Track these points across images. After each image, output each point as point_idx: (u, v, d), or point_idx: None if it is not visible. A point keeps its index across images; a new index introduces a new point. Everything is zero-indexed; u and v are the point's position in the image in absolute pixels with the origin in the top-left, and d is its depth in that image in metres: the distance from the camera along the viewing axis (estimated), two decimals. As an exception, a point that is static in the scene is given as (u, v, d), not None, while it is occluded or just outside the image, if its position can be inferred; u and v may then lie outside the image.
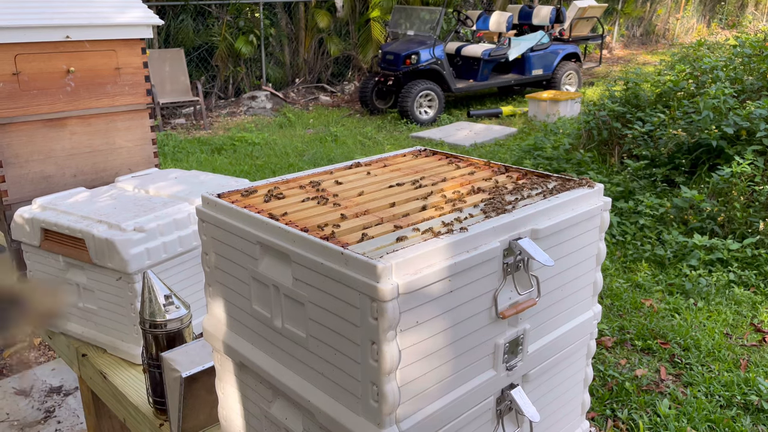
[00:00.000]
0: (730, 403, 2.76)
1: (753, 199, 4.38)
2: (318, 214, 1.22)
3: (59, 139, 2.67)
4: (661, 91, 6.06)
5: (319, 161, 7.03)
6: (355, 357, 1.04)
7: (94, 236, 2.00)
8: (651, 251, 4.19)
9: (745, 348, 3.20)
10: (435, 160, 1.64)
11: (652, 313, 3.51)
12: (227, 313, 1.35)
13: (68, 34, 2.56)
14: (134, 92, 2.84)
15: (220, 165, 6.91)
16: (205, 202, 1.32)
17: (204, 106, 9.29)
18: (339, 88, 11.52)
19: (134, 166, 2.90)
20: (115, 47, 2.73)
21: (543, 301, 1.27)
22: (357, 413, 1.07)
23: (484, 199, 1.29)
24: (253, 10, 10.71)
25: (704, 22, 18.09)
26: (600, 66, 12.44)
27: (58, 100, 2.64)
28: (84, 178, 2.80)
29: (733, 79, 5.83)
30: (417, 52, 9.01)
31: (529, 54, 9.95)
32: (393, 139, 8.23)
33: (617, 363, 3.09)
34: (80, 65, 2.65)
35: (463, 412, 1.17)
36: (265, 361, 1.25)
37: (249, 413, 1.38)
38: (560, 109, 8.56)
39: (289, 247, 1.12)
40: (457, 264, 1.07)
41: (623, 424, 2.67)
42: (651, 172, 5.13)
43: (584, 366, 1.51)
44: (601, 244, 1.41)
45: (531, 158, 6.14)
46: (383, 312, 0.97)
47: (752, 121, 4.78)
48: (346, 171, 1.54)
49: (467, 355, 1.16)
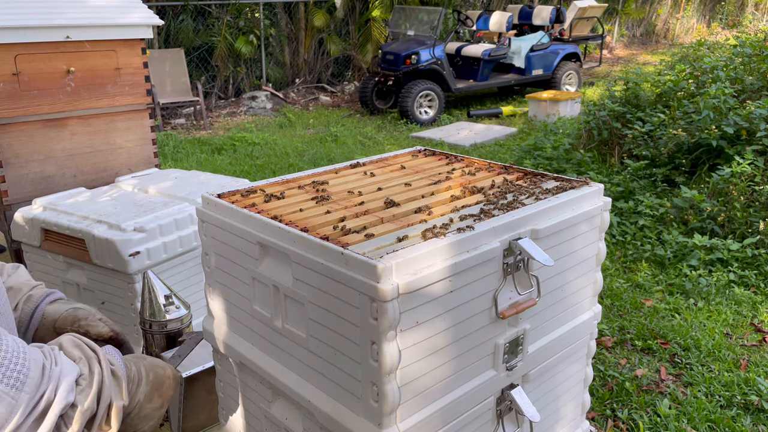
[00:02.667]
0: (731, 403, 2.76)
1: (753, 199, 4.38)
2: (318, 214, 1.22)
3: (59, 139, 2.67)
4: (661, 91, 6.06)
5: (319, 161, 7.03)
6: (356, 357, 1.04)
7: (95, 236, 2.00)
8: (651, 251, 4.19)
9: (746, 348, 3.20)
10: (435, 160, 1.64)
11: (652, 313, 3.51)
12: (227, 313, 1.35)
13: (68, 34, 2.57)
14: (134, 92, 2.84)
15: (220, 165, 6.91)
16: (206, 202, 1.32)
17: (204, 106, 9.29)
18: (339, 88, 11.51)
19: (134, 166, 2.90)
20: (115, 47, 2.73)
21: (543, 301, 1.27)
22: (357, 413, 1.07)
23: (484, 199, 1.29)
24: (253, 10, 10.71)
25: (704, 22, 18.09)
26: (600, 66, 12.43)
27: (58, 100, 2.64)
28: (84, 178, 2.80)
29: (734, 78, 5.82)
30: (417, 52, 9.00)
31: (529, 54, 9.95)
32: (393, 139, 8.23)
33: (617, 363, 3.09)
34: (80, 65, 2.65)
35: (463, 412, 1.17)
36: (265, 361, 1.25)
37: (249, 413, 1.38)
38: (560, 109, 8.55)
39: (289, 247, 1.12)
40: (457, 264, 1.07)
41: (623, 424, 2.67)
42: (651, 172, 5.12)
43: (584, 366, 1.51)
44: (601, 244, 1.41)
45: (531, 158, 6.14)
46: (383, 312, 0.97)
47: (752, 121, 4.77)
48: (347, 171, 1.54)
49: (467, 355, 1.16)
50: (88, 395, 0.93)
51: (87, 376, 0.95)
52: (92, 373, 0.96)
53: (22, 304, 1.24)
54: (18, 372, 0.84)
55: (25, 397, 0.84)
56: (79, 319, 1.26)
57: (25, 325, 1.23)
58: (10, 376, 0.83)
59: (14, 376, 0.83)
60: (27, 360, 0.86)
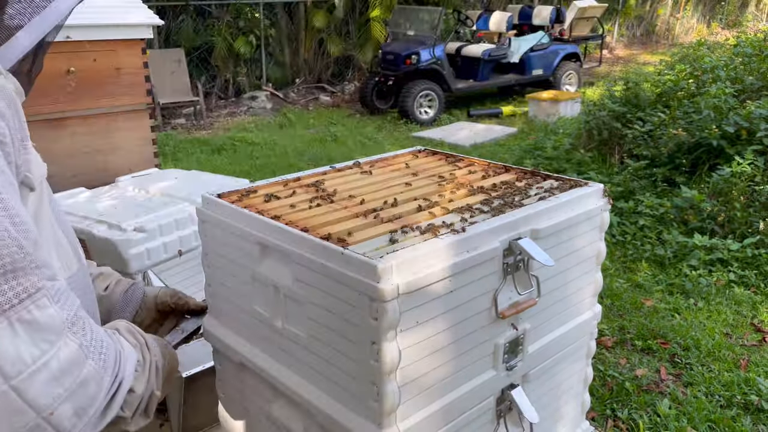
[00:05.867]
0: (731, 403, 2.76)
1: (753, 198, 4.38)
2: (318, 214, 1.22)
3: (59, 139, 2.67)
4: (662, 91, 6.06)
5: (319, 161, 7.03)
6: (355, 357, 1.04)
7: (95, 236, 2.00)
8: (651, 251, 4.19)
9: (745, 348, 3.20)
10: (435, 160, 1.63)
11: (652, 313, 3.51)
12: (227, 313, 1.35)
13: (68, 34, 2.56)
14: (134, 92, 2.84)
15: (220, 165, 6.91)
16: (206, 203, 1.32)
17: (204, 107, 9.29)
18: (339, 88, 11.51)
19: (134, 166, 2.90)
20: (116, 47, 2.73)
21: (543, 301, 1.26)
22: (357, 413, 1.07)
23: (484, 199, 1.29)
24: (253, 10, 10.71)
25: (704, 22, 18.08)
26: (600, 66, 12.43)
27: (59, 100, 2.64)
28: (84, 178, 2.80)
29: (734, 78, 5.82)
30: (417, 52, 9.00)
31: (529, 54, 9.95)
32: (393, 139, 8.22)
33: (617, 363, 3.09)
34: (80, 65, 2.65)
35: (463, 412, 1.17)
36: (265, 361, 1.25)
37: (249, 413, 1.38)
38: (560, 109, 8.55)
39: (289, 247, 1.11)
40: (457, 264, 1.07)
41: (623, 424, 2.67)
42: (651, 172, 5.12)
43: (584, 366, 1.51)
44: (601, 244, 1.41)
45: (531, 158, 6.13)
46: (383, 312, 0.97)
47: (752, 120, 4.77)
48: (347, 171, 1.54)
49: (467, 355, 1.16)
50: (142, 381, 0.97)
51: (142, 362, 0.99)
52: (145, 360, 1.01)
53: (113, 286, 1.31)
54: (103, 354, 0.87)
55: (108, 379, 0.87)
56: (178, 293, 1.36)
57: (120, 305, 1.30)
58: (99, 358, 0.86)
59: (102, 357, 0.86)
60: (106, 343, 0.89)
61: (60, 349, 0.80)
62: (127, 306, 1.30)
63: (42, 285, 0.79)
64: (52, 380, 0.79)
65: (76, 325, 0.83)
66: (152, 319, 1.34)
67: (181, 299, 1.36)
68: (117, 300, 1.29)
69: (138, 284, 1.35)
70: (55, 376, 0.79)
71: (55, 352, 0.79)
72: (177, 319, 1.39)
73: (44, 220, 0.96)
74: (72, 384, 0.81)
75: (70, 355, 0.81)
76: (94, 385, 0.84)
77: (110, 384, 0.87)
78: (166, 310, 1.35)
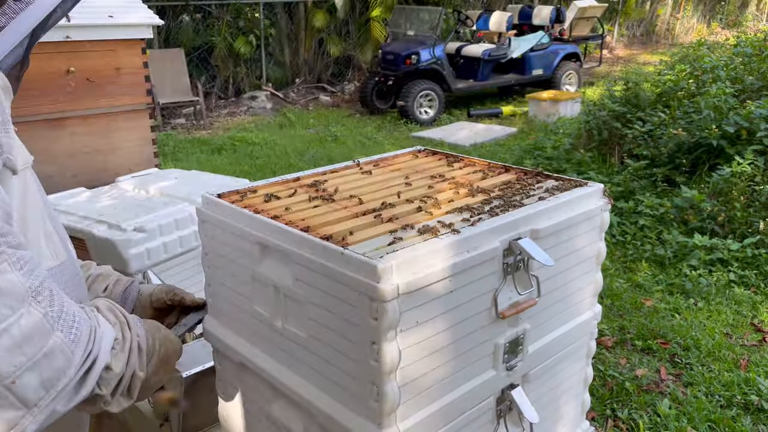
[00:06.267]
0: (731, 403, 2.76)
1: (753, 198, 4.38)
2: (318, 214, 1.22)
3: (59, 139, 2.67)
4: (662, 91, 6.06)
5: (319, 161, 7.03)
6: (355, 357, 1.04)
7: (95, 236, 2.00)
8: (651, 251, 4.19)
9: (746, 348, 3.20)
10: (435, 160, 1.63)
11: (652, 313, 3.51)
12: (227, 313, 1.35)
13: (68, 34, 2.57)
14: (134, 92, 2.84)
15: (220, 165, 6.91)
16: (206, 202, 1.32)
17: (204, 106, 9.28)
18: (339, 88, 11.51)
19: (134, 166, 2.90)
20: (115, 47, 2.73)
21: (543, 301, 1.26)
22: (357, 413, 1.07)
23: (484, 199, 1.29)
24: (253, 10, 10.71)
25: (704, 22, 18.08)
26: (600, 66, 12.42)
27: (58, 100, 2.64)
28: (84, 178, 2.80)
29: (734, 78, 5.82)
30: (417, 52, 9.00)
31: (529, 54, 9.94)
32: (393, 139, 8.22)
33: (617, 363, 3.09)
34: (80, 65, 2.65)
35: (463, 412, 1.17)
36: (265, 361, 1.25)
37: (249, 413, 1.38)
38: (560, 109, 8.55)
39: (289, 247, 1.11)
40: (457, 264, 1.07)
41: (623, 424, 2.67)
42: (651, 172, 5.12)
43: (584, 366, 1.51)
44: (601, 244, 1.41)
45: (531, 158, 6.13)
46: (383, 312, 0.97)
47: (752, 120, 4.77)
48: (347, 171, 1.54)
49: (467, 355, 1.16)
50: (120, 360, 0.95)
51: (121, 341, 0.97)
52: (125, 339, 0.99)
53: (111, 286, 1.30)
54: (75, 328, 0.85)
55: (78, 353, 0.85)
56: (174, 289, 1.35)
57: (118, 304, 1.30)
58: (69, 331, 0.84)
59: (72, 331, 0.85)
60: (79, 318, 0.87)
61: (22, 316, 0.78)
62: (123, 305, 1.30)
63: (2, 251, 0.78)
64: (13, 347, 0.77)
65: (41, 294, 0.82)
66: (149, 317, 1.34)
67: (177, 295, 1.35)
68: (115, 299, 1.29)
69: (134, 282, 1.35)
70: (17, 343, 0.78)
71: (16, 319, 0.78)
72: (178, 316, 1.38)
73: (31, 207, 0.96)
74: (36, 353, 0.79)
75: (33, 323, 0.79)
76: (62, 358, 0.83)
77: (82, 359, 0.86)
78: (162, 307, 1.35)
